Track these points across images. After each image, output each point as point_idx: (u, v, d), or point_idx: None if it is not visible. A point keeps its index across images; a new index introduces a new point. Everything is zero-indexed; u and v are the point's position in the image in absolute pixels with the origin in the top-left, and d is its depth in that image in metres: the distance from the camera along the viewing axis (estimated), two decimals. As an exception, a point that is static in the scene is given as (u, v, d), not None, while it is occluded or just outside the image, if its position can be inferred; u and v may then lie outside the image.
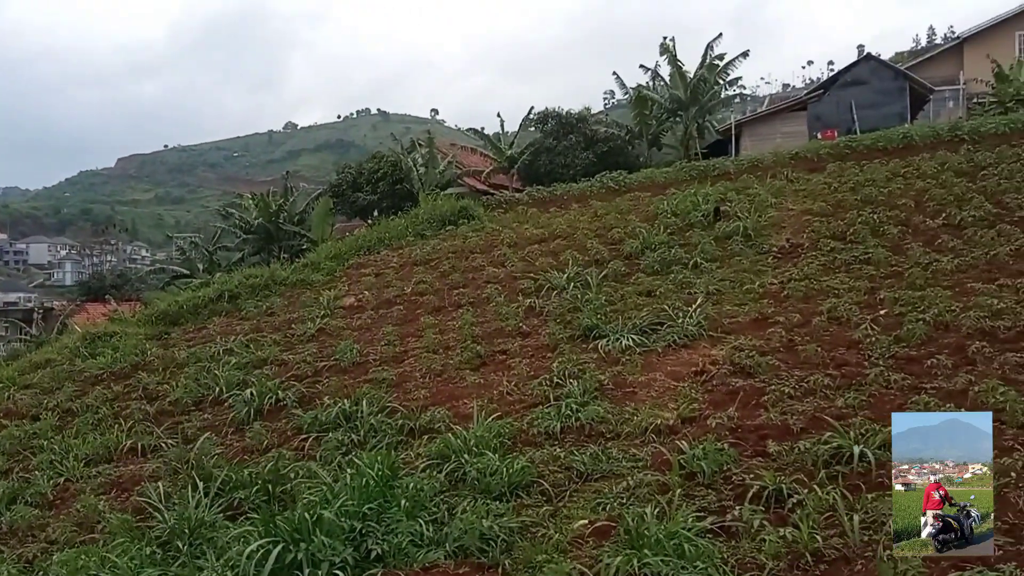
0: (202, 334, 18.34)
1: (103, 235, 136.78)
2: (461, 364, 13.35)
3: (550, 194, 28.63)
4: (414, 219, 26.17)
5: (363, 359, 14.49)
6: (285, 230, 39.62)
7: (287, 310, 19.15)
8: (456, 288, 18.16)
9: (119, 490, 10.91)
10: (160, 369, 15.98)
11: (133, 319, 20.90)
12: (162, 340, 18.50)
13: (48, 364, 18.00)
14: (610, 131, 38.90)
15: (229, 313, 19.86)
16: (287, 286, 21.34)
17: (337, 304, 18.73)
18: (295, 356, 15.21)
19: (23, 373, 17.82)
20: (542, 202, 27.60)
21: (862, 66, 38.27)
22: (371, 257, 23.23)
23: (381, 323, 16.70)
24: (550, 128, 38.20)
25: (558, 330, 14.00)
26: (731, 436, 9.14)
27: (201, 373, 14.96)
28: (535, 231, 22.21)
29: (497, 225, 24.21)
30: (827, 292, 13.73)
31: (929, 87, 38.31)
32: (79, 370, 16.83)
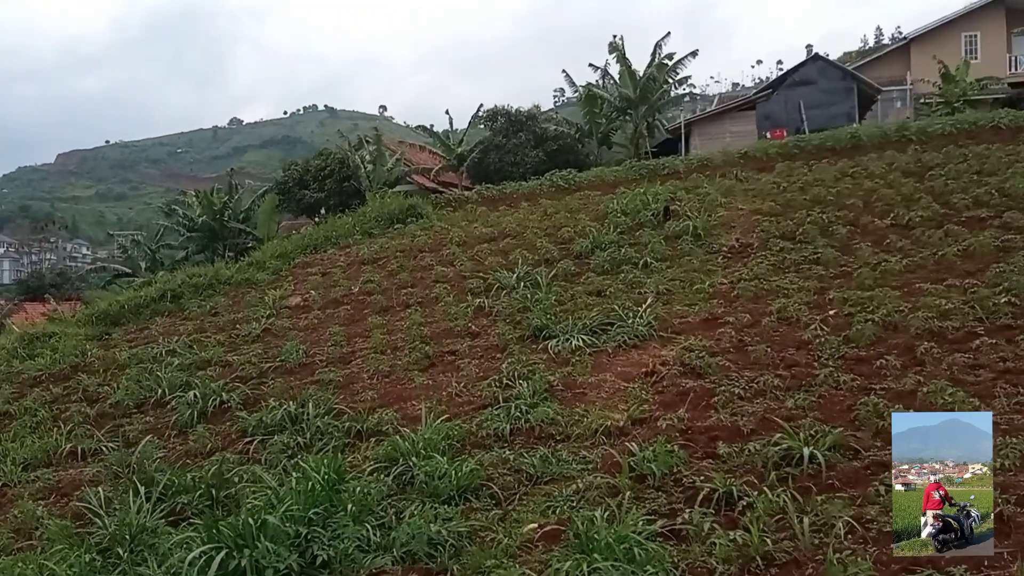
0: (144, 335, 17.97)
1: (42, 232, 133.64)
2: (409, 365, 13.24)
3: (499, 192, 28.60)
4: (362, 217, 25.96)
5: (310, 360, 14.31)
6: (230, 228, 39.09)
7: (231, 310, 18.86)
8: (404, 288, 18.04)
9: (58, 495, 10.61)
10: (101, 370, 15.60)
11: (73, 319, 20.40)
12: (103, 341, 18.08)
13: (-21, 366, 17.49)
14: (560, 129, 39.03)
15: (172, 313, 19.49)
16: (232, 285, 21.00)
17: (283, 304, 18.49)
18: (240, 357, 14.97)
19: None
20: (491, 200, 27.57)
21: (810, 66, 38.88)
22: (318, 256, 22.98)
23: (328, 323, 16.52)
24: (499, 126, 38.17)
25: (508, 330, 13.95)
26: (681, 438, 9.16)
27: (143, 374, 14.64)
28: (484, 230, 22.16)
29: (446, 224, 24.12)
30: (777, 292, 13.87)
31: (877, 87, 39.06)
32: (16, 372, 16.35)
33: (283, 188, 38.29)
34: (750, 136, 35.35)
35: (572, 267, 17.19)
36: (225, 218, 39.18)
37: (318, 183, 36.59)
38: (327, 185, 36.08)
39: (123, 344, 17.49)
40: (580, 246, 18.49)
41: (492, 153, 37.10)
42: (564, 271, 17.00)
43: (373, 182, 33.99)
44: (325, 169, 36.66)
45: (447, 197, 29.69)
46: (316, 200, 36.38)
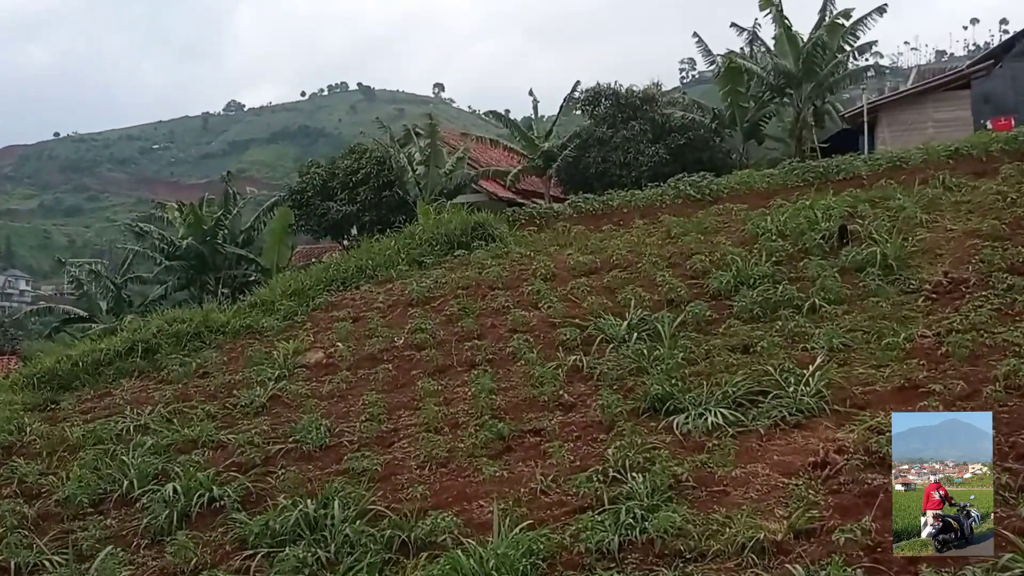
0: (105, 403, 18.41)
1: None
2: (475, 449, 13.31)
3: (603, 205, 28.67)
4: (409, 240, 26.26)
5: (335, 441, 14.50)
6: (225, 254, 40.01)
7: (226, 369, 19.22)
8: (469, 339, 18.18)
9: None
10: (44, 453, 16.00)
11: (6, 382, 20.96)
12: (47, 412, 18.57)
13: None
14: (689, 116, 39.13)
15: (144, 373, 19.92)
16: (227, 335, 21.41)
17: (298, 361, 18.80)
18: (238, 436, 15.24)
19: None
20: (592, 216, 27.65)
21: (1051, 26, 38.21)
22: (347, 294, 23.30)
23: (361, 389, 16.72)
24: (604, 112, 38.47)
25: (615, 401, 13.92)
26: (867, 558, 9.02)
27: (102, 460, 14.97)
28: (582, 258, 22.22)
29: (527, 249, 24.25)
30: (1004, 349, 13.57)
31: None
32: (-74, 454, 16.84)
33: (299, 199, 39.08)
34: (962, 126, 34.87)
35: (707, 312, 17.11)
36: (219, 240, 40.10)
37: (348, 192, 37.28)
38: (360, 194, 36.73)
39: (75, 417, 17.94)
40: (718, 282, 18.41)
41: (593, 150, 37.36)
42: (696, 317, 16.94)
43: (425, 190, 34.50)
44: (358, 172, 37.35)
45: (529, 211, 29.86)
46: (345, 215, 37.07)
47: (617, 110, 38.10)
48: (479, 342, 17.90)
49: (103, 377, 20.00)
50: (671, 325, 16.57)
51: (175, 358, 20.19)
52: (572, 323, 17.69)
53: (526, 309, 19.36)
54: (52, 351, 24.40)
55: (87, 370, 20.25)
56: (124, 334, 22.04)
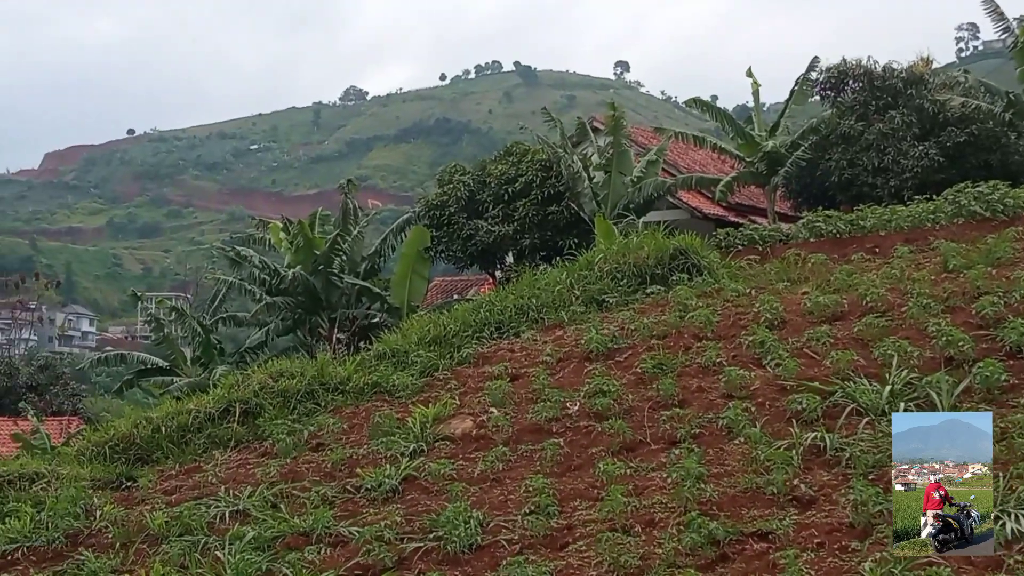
0: (193, 481, 18.81)
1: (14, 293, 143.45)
2: (678, 556, 13.17)
3: (851, 226, 28.33)
4: (585, 271, 26.35)
5: (489, 539, 14.51)
6: (342, 288, 40.72)
7: (347, 440, 19.51)
8: (667, 406, 18.14)
9: None
10: (118, 545, 16.38)
11: (70, 451, 21.57)
12: (122, 491, 19.06)
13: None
14: (972, 104, 38.44)
15: (242, 443, 20.37)
16: (347, 395, 21.80)
17: (440, 432, 18.95)
18: (362, 528, 15.36)
19: None
20: (836, 241, 27.38)
21: None
22: (503, 343, 23.52)
23: (523, 470, 16.76)
24: (851, 98, 38.11)
25: (872, 496, 13.64)
26: None
27: (191, 555, 15.24)
28: (822, 299, 21.96)
29: (746, 285, 24.19)
30: None
31: None
32: (-26, 543, 17.42)
33: (438, 216, 39.70)
34: None
35: (1002, 375, 16.70)
36: (334, 270, 40.78)
37: (503, 207, 37.70)
38: (519, 210, 37.09)
39: (156, 498, 18.35)
40: (1017, 334, 18.04)
41: (835, 149, 37.06)
42: (985, 382, 16.58)
43: (605, 204, 34.67)
44: (516, 181, 37.73)
45: (747, 234, 29.65)
46: (498, 238, 37.45)
47: (870, 96, 37.72)
48: (681, 410, 17.77)
49: (191, 447, 20.51)
50: (950, 393, 16.21)
51: (282, 424, 20.55)
52: (810, 387, 17.43)
53: (745, 367, 19.16)
54: (125, 412, 24.99)
55: (171, 438, 20.81)
56: (217, 392, 22.51)
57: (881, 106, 37.05)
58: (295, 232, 41.49)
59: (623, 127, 37.47)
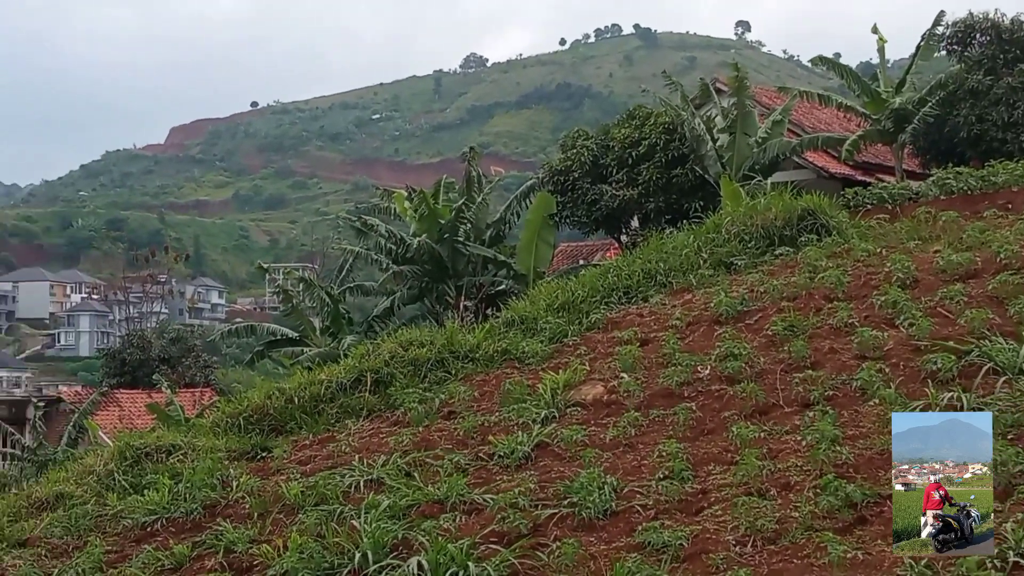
0: (327, 451, 18.93)
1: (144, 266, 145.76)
2: (815, 519, 13.00)
3: (983, 182, 27.86)
4: (712, 234, 26.14)
5: (623, 505, 14.41)
6: (468, 255, 40.60)
7: (478, 408, 19.51)
8: (799, 369, 17.94)
9: None
10: (255, 515, 16.52)
11: (205, 422, 21.83)
12: (257, 461, 19.26)
13: (60, 503, 19.07)
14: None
15: (374, 412, 20.46)
16: (477, 363, 21.81)
17: (571, 398, 18.86)
18: (496, 496, 15.33)
19: (16, 519, 18.98)
20: (967, 198, 26.95)
21: None
22: (632, 308, 23.39)
23: (655, 435, 16.64)
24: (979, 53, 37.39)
25: (1012, 456, 13.41)
26: None
27: (327, 524, 15.29)
28: (955, 257, 21.58)
29: (876, 245, 23.83)
30: None
31: None
32: (113, 514, 17.71)
33: (562, 182, 39.62)
34: None
35: None
36: (459, 238, 40.70)
37: (626, 171, 37.51)
38: (643, 174, 36.92)
39: (291, 468, 18.48)
40: None
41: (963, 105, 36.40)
42: None
43: (730, 166, 34.40)
44: (639, 145, 37.55)
45: (876, 193, 29.29)
46: (623, 202, 37.33)
47: (998, 50, 37.02)
48: (814, 373, 17.55)
49: (324, 417, 20.66)
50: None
51: (413, 393, 20.62)
52: (945, 347, 17.10)
53: (878, 327, 18.85)
54: (256, 383, 25.22)
55: (304, 408, 20.99)
56: (348, 362, 22.63)
57: (1010, 60, 36.36)
58: (419, 201, 41.48)
59: (746, 88, 37.12)
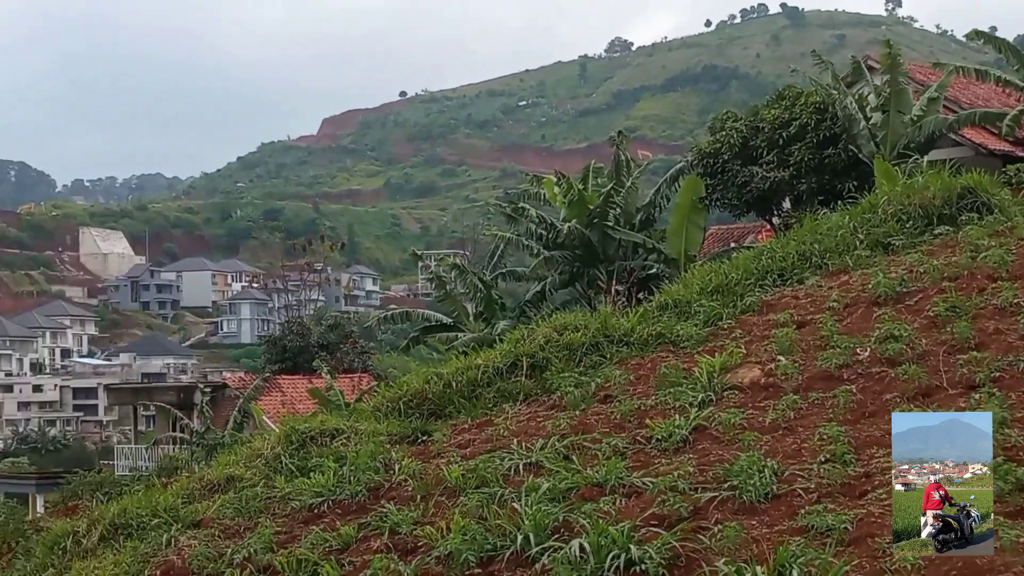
0: (486, 434, 19.04)
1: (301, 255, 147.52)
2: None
3: None
4: (868, 214, 25.78)
5: (784, 488, 14.26)
6: (617, 240, 40.60)
7: (634, 391, 19.48)
8: (962, 350, 17.61)
9: None
10: (418, 497, 16.67)
11: (366, 407, 22.10)
12: (417, 445, 19.45)
13: (230, 485, 19.56)
14: None
15: (531, 396, 20.55)
16: (632, 346, 21.79)
17: (727, 381, 18.76)
18: (655, 479, 15.30)
19: (190, 500, 19.52)
20: None
21: None
22: (787, 290, 23.19)
23: (815, 418, 16.47)
24: None
25: None
26: None
27: (488, 506, 15.36)
28: None
29: (1041, 223, 23.30)
30: None
31: None
32: (281, 496, 18.06)
33: (711, 164, 39.37)
34: None
35: None
36: (609, 222, 40.70)
37: (777, 152, 37.18)
38: (794, 154, 36.58)
39: (451, 451, 18.61)
40: None
41: None
42: None
43: (884, 145, 33.98)
44: (790, 125, 37.20)
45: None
46: (774, 184, 36.99)
47: None
48: (978, 354, 17.20)
49: (481, 401, 20.80)
50: None
51: (568, 377, 20.66)
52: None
53: (1047, 308, 18.57)
54: (411, 368, 25.48)
55: (461, 393, 21.15)
56: (503, 347, 22.76)
57: None
58: (567, 187, 41.54)
59: (899, 64, 36.58)
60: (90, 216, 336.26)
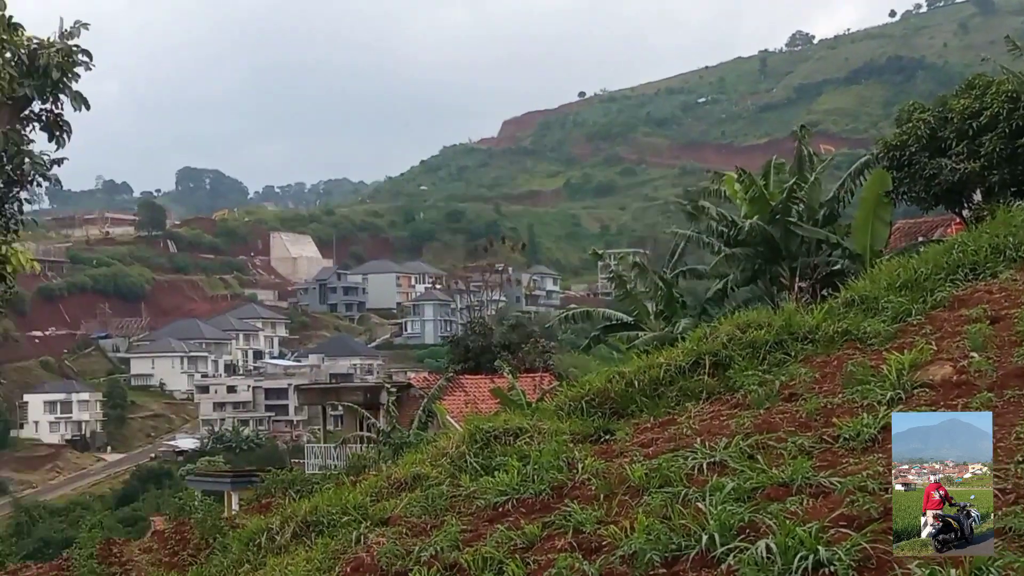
0: (668, 433, 18.84)
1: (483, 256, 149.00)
2: None
3: None
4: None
5: (988, 487, 13.93)
6: (801, 236, 40.15)
7: (820, 390, 19.12)
8: None
9: None
10: (601, 497, 16.56)
11: (549, 406, 22.10)
12: (600, 444, 19.33)
13: (417, 483, 19.75)
14: None
15: (714, 394, 20.33)
16: (817, 344, 21.48)
17: (918, 379, 18.26)
18: (844, 479, 15.00)
19: (378, 498, 19.76)
20: None
21: None
22: (979, 285, 22.67)
23: (1012, 417, 15.93)
24: None
25: None
26: None
27: (672, 506, 15.22)
28: None
29: None
30: None
31: None
32: (466, 495, 18.11)
33: (897, 157, 38.64)
34: None
35: None
36: (791, 218, 40.26)
37: (967, 142, 36.36)
38: (985, 145, 35.72)
39: (634, 450, 18.44)
40: None
41: None
42: None
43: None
44: (980, 115, 36.35)
45: None
46: (964, 176, 36.17)
47: None
48: None
49: (663, 400, 20.63)
50: None
51: (752, 375, 20.42)
52: None
53: None
54: (591, 367, 25.43)
55: (643, 391, 21.01)
56: (686, 345, 22.59)
57: None
58: (748, 183, 41.22)
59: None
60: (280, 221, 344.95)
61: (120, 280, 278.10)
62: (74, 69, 23.46)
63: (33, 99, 23.57)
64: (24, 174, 24.36)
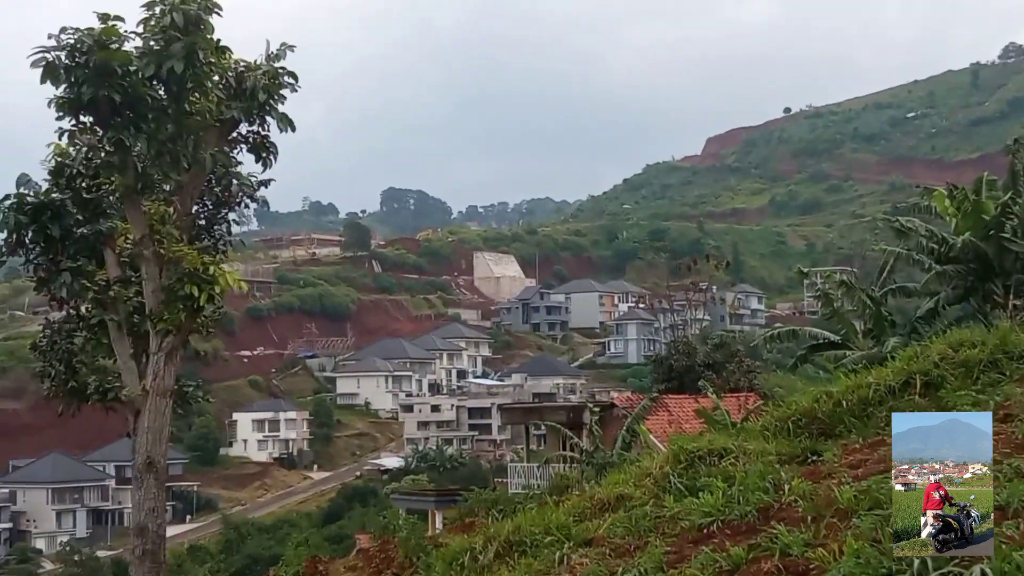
0: (878, 455, 18.41)
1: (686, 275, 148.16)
2: None
3: None
4: None
5: None
6: (1015, 252, 39.15)
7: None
8: None
9: None
10: (808, 519, 16.28)
11: (754, 426, 21.83)
12: (807, 465, 19.01)
13: (620, 504, 19.59)
14: None
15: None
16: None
17: None
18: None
19: (581, 519, 19.64)
20: None
21: None
22: None
23: None
24: None
25: None
26: None
27: (883, 529, 14.90)
28: None
29: None
30: None
31: None
32: (671, 516, 17.89)
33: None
34: None
35: None
36: (1006, 234, 39.27)
37: None
38: None
39: (842, 472, 18.07)
40: None
41: None
42: None
43: None
44: None
45: None
46: None
47: None
48: None
49: (873, 420, 20.15)
50: None
51: (965, 395, 19.84)
52: None
53: None
54: (797, 387, 25.08)
55: (852, 412, 20.58)
56: (896, 364, 22.12)
57: None
58: (960, 199, 40.40)
59: None
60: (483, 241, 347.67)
61: (326, 300, 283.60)
62: (280, 91, 23.88)
63: (240, 121, 24.04)
64: (232, 195, 24.87)
